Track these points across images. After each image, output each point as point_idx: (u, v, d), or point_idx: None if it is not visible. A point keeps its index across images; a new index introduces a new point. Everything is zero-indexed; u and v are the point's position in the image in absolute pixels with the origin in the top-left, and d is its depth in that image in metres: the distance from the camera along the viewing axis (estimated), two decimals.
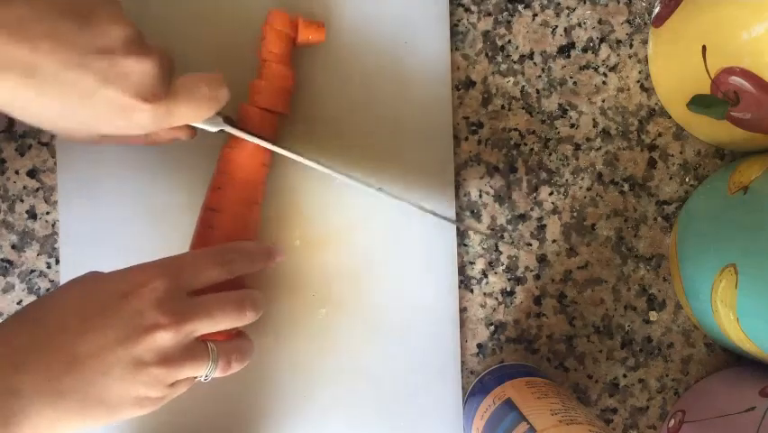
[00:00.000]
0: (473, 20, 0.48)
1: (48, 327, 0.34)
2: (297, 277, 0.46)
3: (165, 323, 0.35)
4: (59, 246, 0.46)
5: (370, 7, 0.46)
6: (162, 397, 0.36)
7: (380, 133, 0.46)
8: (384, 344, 0.46)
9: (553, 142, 0.48)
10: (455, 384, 0.46)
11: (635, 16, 0.48)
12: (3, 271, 0.46)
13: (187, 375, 0.37)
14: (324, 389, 0.46)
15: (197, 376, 0.38)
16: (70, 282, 0.37)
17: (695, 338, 0.48)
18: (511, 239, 0.47)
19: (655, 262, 0.48)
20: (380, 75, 0.46)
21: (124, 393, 0.34)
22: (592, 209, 0.48)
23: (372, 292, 0.46)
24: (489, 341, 0.48)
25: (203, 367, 0.37)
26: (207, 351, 0.37)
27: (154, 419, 0.45)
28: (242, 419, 0.45)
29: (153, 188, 0.45)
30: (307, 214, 0.46)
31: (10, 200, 0.46)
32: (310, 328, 0.46)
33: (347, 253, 0.46)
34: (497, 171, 0.48)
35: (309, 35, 0.43)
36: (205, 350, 0.37)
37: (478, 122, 0.48)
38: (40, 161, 0.46)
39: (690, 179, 0.48)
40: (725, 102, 0.40)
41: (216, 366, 0.38)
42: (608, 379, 0.48)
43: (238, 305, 0.38)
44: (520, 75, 0.48)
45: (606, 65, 0.48)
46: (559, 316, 0.48)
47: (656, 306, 0.48)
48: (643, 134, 0.48)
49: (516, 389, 0.42)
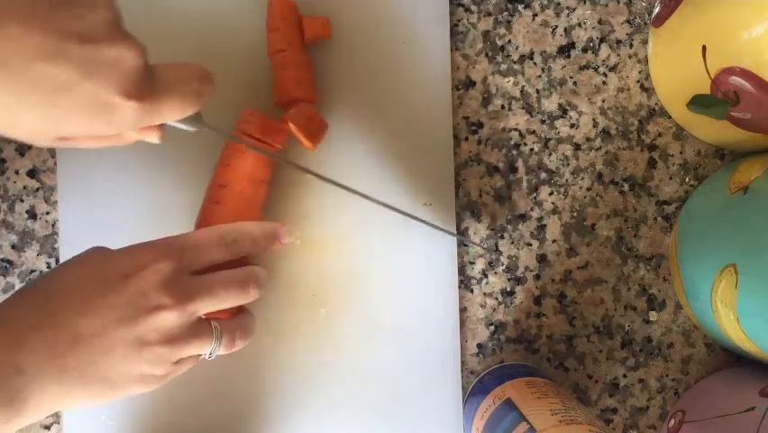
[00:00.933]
0: (473, 20, 0.48)
1: (51, 305, 0.33)
2: (297, 277, 0.46)
3: (168, 303, 0.34)
4: (59, 246, 0.46)
5: (370, 7, 0.46)
6: (166, 374, 0.36)
7: (380, 133, 0.46)
8: (384, 344, 0.46)
9: (553, 142, 0.48)
10: (455, 384, 0.46)
11: (635, 16, 0.48)
12: (3, 271, 0.46)
13: (191, 353, 0.37)
14: (323, 389, 0.46)
15: (202, 354, 0.38)
16: (74, 259, 0.36)
17: (695, 338, 0.48)
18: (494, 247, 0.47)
19: (655, 262, 0.48)
20: (380, 75, 0.46)
21: (128, 371, 0.34)
22: (592, 209, 0.48)
23: (372, 292, 0.46)
24: (489, 341, 0.48)
25: (207, 345, 0.37)
26: (211, 329, 0.37)
27: (154, 419, 0.45)
28: (241, 419, 0.45)
29: (153, 188, 0.45)
30: (307, 214, 0.46)
31: (10, 200, 0.46)
32: (310, 328, 0.46)
33: (347, 253, 0.46)
34: (497, 171, 0.48)
35: (316, 32, 0.44)
36: (209, 328, 0.37)
37: (478, 122, 0.48)
38: (40, 161, 0.46)
39: (690, 179, 0.48)
40: (725, 102, 0.40)
41: (220, 344, 0.38)
42: (608, 379, 0.48)
43: (241, 283, 0.38)
44: (520, 75, 0.48)
45: (606, 65, 0.48)
46: (559, 316, 0.48)
47: (656, 306, 0.48)
48: (643, 134, 0.48)
49: (516, 389, 0.42)
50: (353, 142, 0.46)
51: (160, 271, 0.35)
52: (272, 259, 0.45)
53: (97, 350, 0.33)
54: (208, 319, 0.38)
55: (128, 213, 0.45)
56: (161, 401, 0.45)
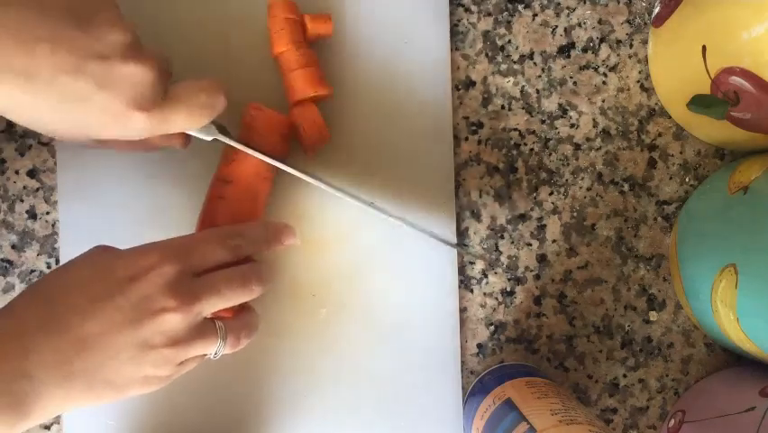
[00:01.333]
0: (473, 20, 0.48)
1: (56, 308, 0.34)
2: (298, 277, 0.46)
3: (173, 306, 0.35)
4: (59, 246, 0.46)
5: (370, 7, 0.46)
6: (170, 375, 0.37)
7: (380, 133, 0.46)
8: (384, 344, 0.46)
9: (553, 142, 0.48)
10: (455, 384, 0.46)
11: (635, 16, 0.48)
12: (3, 271, 0.46)
13: (196, 354, 0.37)
14: (323, 389, 0.46)
15: (207, 354, 0.38)
16: (80, 259, 0.36)
17: (695, 338, 0.48)
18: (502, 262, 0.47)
19: (655, 262, 0.48)
20: (380, 75, 0.46)
21: (133, 374, 0.35)
22: (592, 209, 0.48)
23: (372, 292, 0.46)
24: (489, 341, 0.48)
25: (212, 345, 0.37)
26: (216, 329, 0.38)
27: (154, 419, 0.45)
28: (241, 419, 0.45)
29: (153, 189, 0.45)
30: (308, 214, 0.46)
31: (10, 200, 0.46)
32: (310, 328, 0.46)
33: (347, 253, 0.46)
34: (497, 171, 0.48)
35: (318, 29, 0.44)
36: (214, 328, 0.37)
37: (478, 122, 0.48)
38: (40, 161, 0.46)
39: (690, 179, 0.48)
40: (725, 102, 0.40)
41: (225, 343, 0.38)
42: (608, 379, 0.48)
43: (245, 280, 0.38)
44: (520, 75, 0.48)
45: (606, 65, 0.48)
46: (559, 316, 0.48)
47: (656, 306, 0.48)
48: (643, 134, 0.48)
49: (516, 389, 0.42)
50: (353, 141, 0.46)
51: (166, 273, 0.35)
52: (273, 259, 0.45)
53: (103, 354, 0.34)
54: (213, 319, 0.38)
55: (128, 213, 0.45)
56: (161, 401, 0.45)
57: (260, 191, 0.42)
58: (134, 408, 0.45)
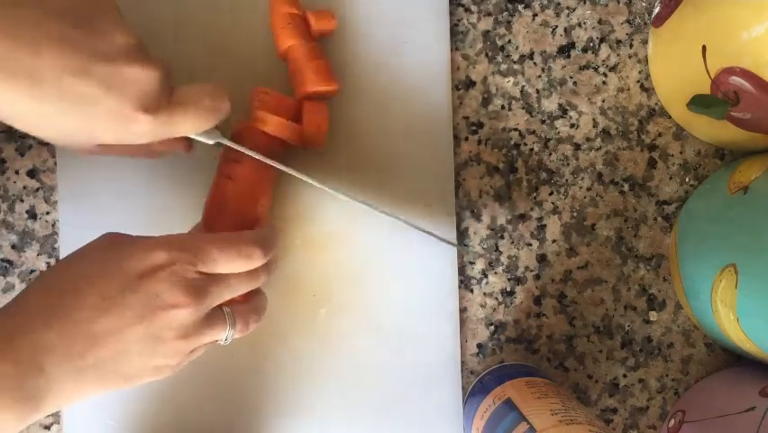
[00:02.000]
0: (473, 20, 0.48)
1: (67, 302, 0.34)
2: (297, 277, 0.46)
3: (184, 302, 0.35)
4: (59, 246, 0.46)
5: (370, 7, 0.46)
6: (180, 363, 0.37)
7: (380, 133, 0.46)
8: (384, 343, 0.46)
9: (553, 142, 0.48)
10: (455, 384, 0.46)
11: (635, 16, 0.48)
12: (3, 271, 0.46)
13: (206, 342, 0.37)
14: (323, 389, 0.46)
15: (217, 340, 0.38)
16: (89, 250, 0.36)
17: (695, 338, 0.48)
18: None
19: (655, 262, 0.48)
20: (380, 75, 0.46)
21: (144, 365, 0.35)
22: (592, 209, 0.48)
23: (372, 292, 0.46)
24: (489, 341, 0.48)
25: (221, 333, 0.38)
26: (224, 316, 0.38)
27: (154, 419, 0.45)
28: (242, 419, 0.45)
29: (153, 189, 0.45)
30: (308, 214, 0.46)
31: (10, 200, 0.46)
32: (310, 328, 0.46)
33: (347, 253, 0.46)
34: (497, 171, 0.48)
35: (322, 25, 0.44)
36: (222, 316, 0.38)
37: (478, 122, 0.48)
38: (40, 161, 0.46)
39: (690, 179, 0.48)
40: (725, 102, 0.40)
41: (235, 329, 0.38)
42: (608, 379, 0.48)
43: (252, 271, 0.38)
44: (520, 75, 0.48)
45: (606, 65, 0.48)
46: (559, 316, 0.48)
47: (656, 306, 0.48)
48: (643, 134, 0.48)
49: (516, 389, 0.42)
50: (353, 141, 0.46)
51: (176, 271, 0.35)
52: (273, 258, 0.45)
53: (115, 349, 0.34)
54: (221, 306, 0.38)
55: (128, 213, 0.45)
56: (161, 401, 0.45)
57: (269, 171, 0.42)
58: (135, 408, 0.45)
